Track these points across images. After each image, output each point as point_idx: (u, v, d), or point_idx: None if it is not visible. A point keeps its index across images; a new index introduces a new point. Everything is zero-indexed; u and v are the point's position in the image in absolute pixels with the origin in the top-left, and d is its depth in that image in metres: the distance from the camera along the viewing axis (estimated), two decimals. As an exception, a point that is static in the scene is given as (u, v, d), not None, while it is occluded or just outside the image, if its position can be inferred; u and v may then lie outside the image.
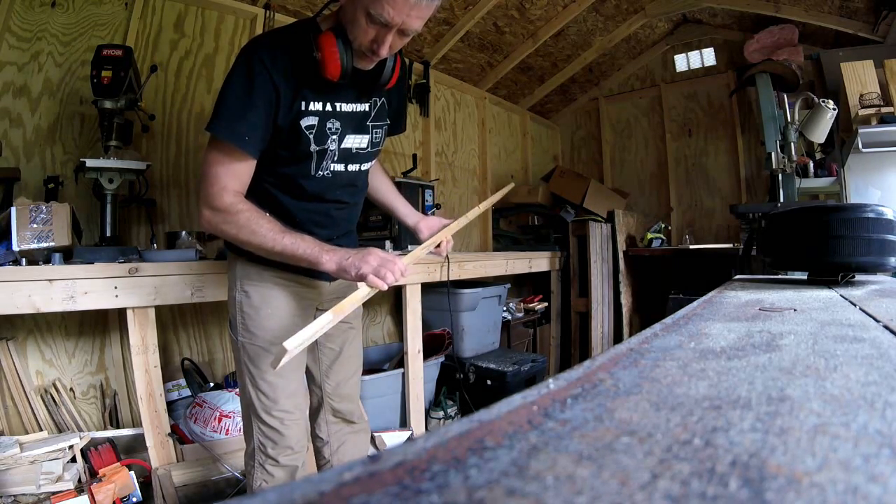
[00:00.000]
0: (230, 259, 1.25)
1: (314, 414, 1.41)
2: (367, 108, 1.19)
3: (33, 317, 1.90)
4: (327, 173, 1.17)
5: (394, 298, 3.14)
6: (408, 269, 1.06)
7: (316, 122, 1.10)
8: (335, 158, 1.17)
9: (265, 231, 1.04)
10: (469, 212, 1.39)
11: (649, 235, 3.63)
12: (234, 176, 1.06)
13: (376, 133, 1.23)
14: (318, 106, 1.10)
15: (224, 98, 1.04)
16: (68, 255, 1.61)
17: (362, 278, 1.01)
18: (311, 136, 1.11)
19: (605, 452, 0.28)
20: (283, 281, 1.21)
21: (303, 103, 1.08)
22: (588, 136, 4.81)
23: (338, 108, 1.13)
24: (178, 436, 1.83)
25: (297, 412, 1.24)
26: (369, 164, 1.27)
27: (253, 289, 1.19)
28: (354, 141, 1.19)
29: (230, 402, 1.89)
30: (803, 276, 1.59)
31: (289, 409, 1.21)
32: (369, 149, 1.23)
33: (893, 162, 2.70)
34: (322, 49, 1.02)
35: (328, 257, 1.03)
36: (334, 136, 1.14)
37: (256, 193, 1.13)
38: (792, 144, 2.62)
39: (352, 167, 1.21)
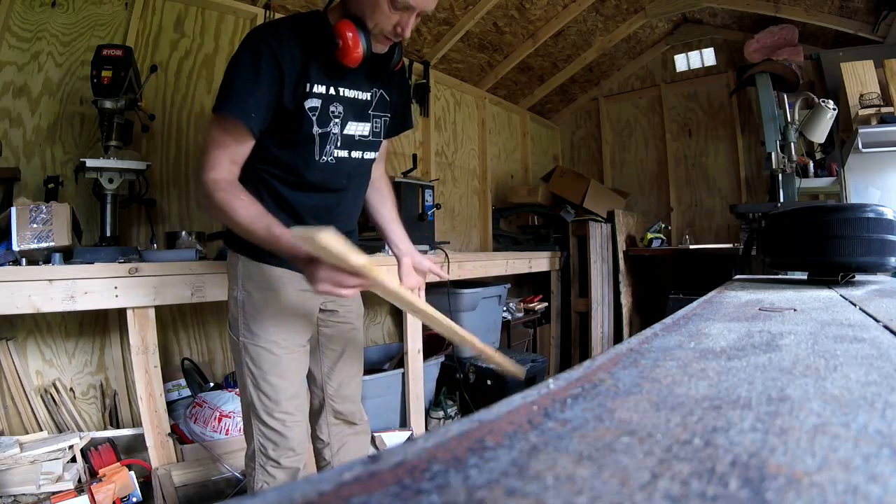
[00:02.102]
0: (231, 257, 1.24)
1: (315, 415, 1.40)
2: (368, 97, 1.21)
3: (33, 317, 1.90)
4: (331, 159, 1.17)
5: (394, 298, 3.14)
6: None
7: (319, 105, 1.12)
8: (338, 144, 1.17)
9: (241, 216, 0.99)
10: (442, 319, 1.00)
11: (649, 235, 3.63)
12: (226, 152, 1.05)
13: (376, 123, 1.25)
14: (321, 89, 1.11)
15: (229, 77, 1.06)
16: (68, 255, 1.61)
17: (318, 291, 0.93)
18: (313, 118, 1.12)
19: (605, 452, 0.28)
20: (286, 279, 1.20)
21: (307, 85, 1.09)
22: (588, 136, 4.81)
23: (341, 93, 1.15)
24: (178, 436, 1.83)
25: (299, 413, 1.22)
26: (372, 153, 1.27)
27: (255, 288, 1.18)
28: (357, 128, 1.20)
29: (230, 402, 1.89)
30: (803, 276, 1.59)
31: (290, 411, 1.19)
32: (371, 137, 1.24)
33: (893, 162, 2.70)
34: (344, 37, 1.04)
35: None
36: (337, 120, 1.15)
37: (258, 186, 1.14)
38: (792, 144, 2.62)
39: (355, 154, 1.22)
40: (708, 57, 4.15)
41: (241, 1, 2.51)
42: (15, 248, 1.53)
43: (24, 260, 1.53)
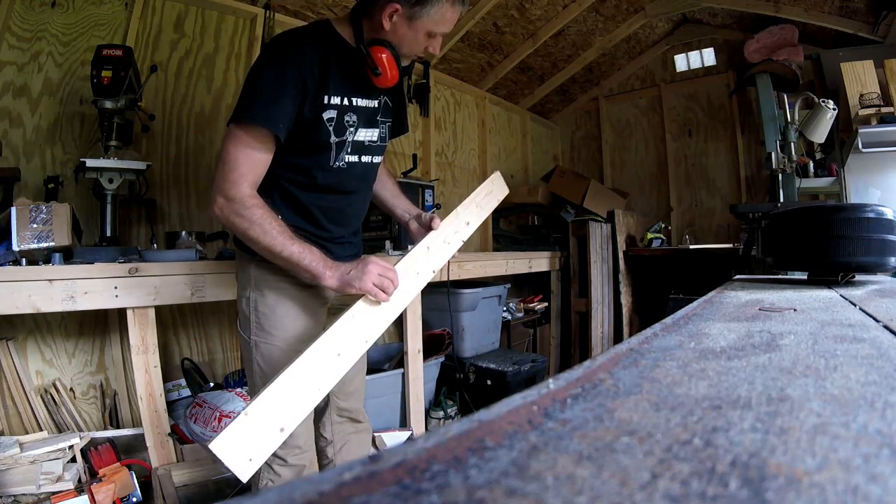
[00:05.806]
0: (240, 259, 1.26)
1: (319, 413, 1.41)
2: (376, 105, 1.25)
3: (33, 317, 1.90)
4: (342, 164, 1.21)
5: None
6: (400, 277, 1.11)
7: (335, 116, 1.15)
8: (349, 150, 1.22)
9: (275, 233, 1.05)
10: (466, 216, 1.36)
11: (649, 235, 3.63)
12: (253, 166, 1.07)
13: (383, 128, 1.30)
14: (337, 100, 1.15)
15: (254, 85, 1.07)
16: (68, 255, 1.61)
17: (364, 291, 1.06)
18: (331, 129, 1.16)
19: (605, 452, 0.28)
20: (297, 281, 1.22)
21: (325, 97, 1.13)
22: (588, 136, 4.81)
23: (354, 103, 1.18)
24: (178, 436, 1.83)
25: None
26: (379, 158, 1.32)
27: (269, 288, 1.21)
28: (367, 134, 1.24)
29: (230, 402, 1.89)
30: (803, 276, 1.59)
31: None
32: (378, 142, 1.29)
33: (893, 162, 2.70)
34: (383, 66, 1.11)
35: (330, 273, 1.08)
36: (351, 129, 1.20)
37: (274, 189, 1.16)
38: (792, 144, 2.63)
39: (365, 158, 1.26)
40: (708, 57, 4.14)
41: (241, 1, 2.51)
42: (15, 248, 1.53)
43: (24, 260, 1.53)
